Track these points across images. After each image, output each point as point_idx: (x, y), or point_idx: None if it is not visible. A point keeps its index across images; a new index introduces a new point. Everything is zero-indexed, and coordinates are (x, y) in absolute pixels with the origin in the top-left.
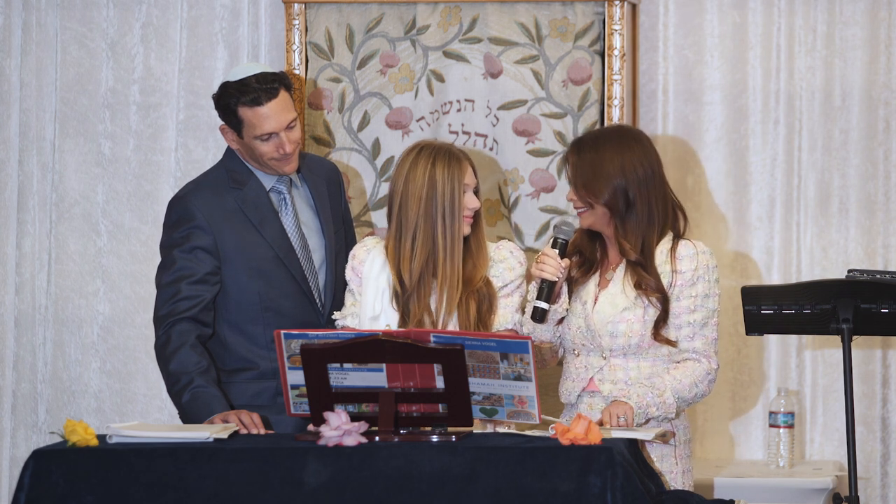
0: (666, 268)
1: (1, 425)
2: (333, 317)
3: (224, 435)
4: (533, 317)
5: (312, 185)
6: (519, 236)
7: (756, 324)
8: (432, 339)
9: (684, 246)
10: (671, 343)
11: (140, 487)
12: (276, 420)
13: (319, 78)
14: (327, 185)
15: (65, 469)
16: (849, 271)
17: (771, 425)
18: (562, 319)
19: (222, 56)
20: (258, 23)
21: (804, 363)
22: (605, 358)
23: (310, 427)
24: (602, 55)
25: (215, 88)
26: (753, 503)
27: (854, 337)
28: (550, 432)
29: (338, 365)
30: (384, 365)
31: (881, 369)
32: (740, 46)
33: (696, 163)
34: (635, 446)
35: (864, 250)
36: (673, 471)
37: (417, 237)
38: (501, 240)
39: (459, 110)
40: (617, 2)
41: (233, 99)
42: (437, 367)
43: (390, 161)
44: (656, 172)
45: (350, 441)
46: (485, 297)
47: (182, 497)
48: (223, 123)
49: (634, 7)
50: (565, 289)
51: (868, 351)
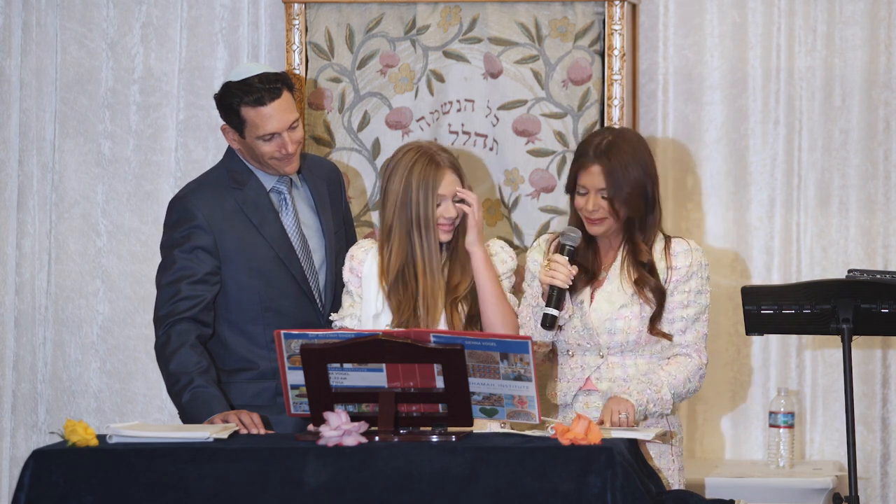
0: (661, 264)
1: (1, 425)
2: (331, 318)
3: (224, 435)
4: (543, 324)
5: (313, 186)
6: (519, 236)
7: (756, 324)
8: (432, 339)
9: (678, 243)
10: (667, 336)
11: (140, 487)
12: (276, 420)
13: (319, 78)
14: (328, 186)
15: (65, 469)
16: (849, 271)
17: (771, 425)
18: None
19: (222, 56)
20: (258, 23)
21: (804, 363)
22: (603, 356)
23: (310, 427)
24: (602, 55)
25: (215, 88)
26: (753, 503)
27: (854, 337)
28: (550, 432)
29: (338, 365)
30: (384, 365)
31: (881, 369)
32: (740, 46)
33: (696, 163)
34: (635, 446)
35: (864, 250)
36: (670, 468)
37: (394, 239)
38: (490, 239)
39: (459, 110)
40: (617, 2)
41: (235, 99)
42: (437, 367)
43: None
44: (657, 173)
45: (350, 441)
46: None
47: (182, 497)
48: (224, 123)
49: (634, 7)
50: (568, 295)
51: (868, 351)
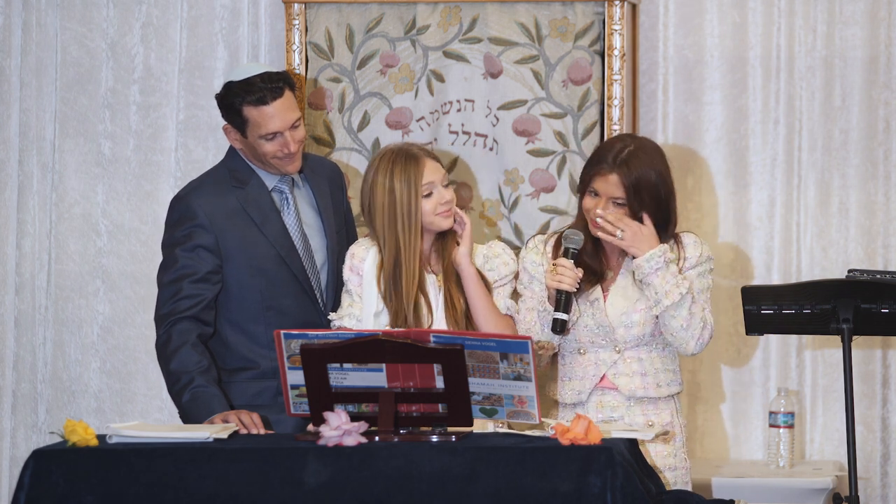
0: (671, 255)
1: (1, 425)
2: (329, 317)
3: (224, 435)
4: (554, 329)
5: (314, 185)
6: (519, 236)
7: (756, 324)
8: (432, 339)
9: (687, 236)
10: None
11: (140, 487)
12: (277, 420)
13: (319, 78)
14: (329, 186)
15: (65, 469)
16: (849, 271)
17: (771, 425)
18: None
19: (222, 56)
20: (258, 23)
21: (804, 363)
22: (619, 351)
23: (310, 427)
24: (602, 55)
25: (215, 88)
26: (753, 503)
27: (854, 337)
28: (550, 432)
29: (338, 365)
30: (384, 365)
31: (881, 369)
32: (740, 46)
33: (696, 163)
34: (635, 446)
35: (864, 250)
36: (683, 466)
37: (386, 242)
38: (491, 241)
39: (459, 110)
40: (617, 2)
41: (238, 98)
42: (437, 367)
43: None
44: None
45: (350, 441)
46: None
47: (182, 497)
48: (226, 123)
49: (634, 7)
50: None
51: (868, 351)
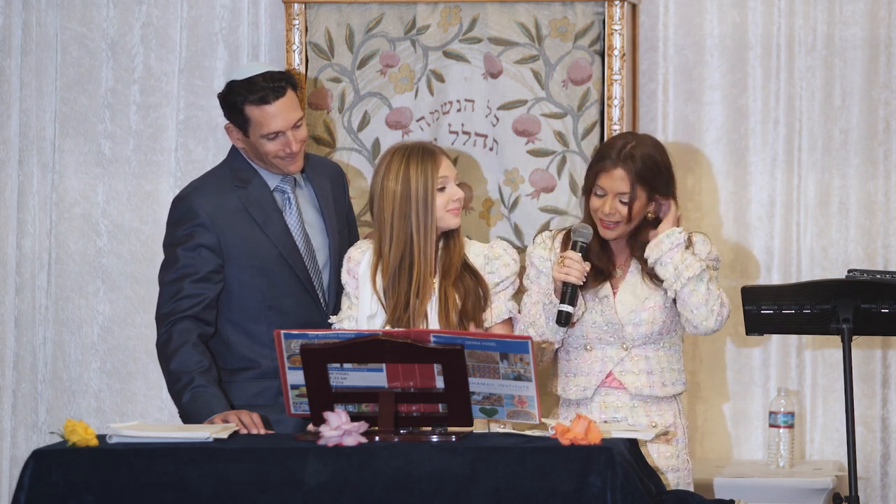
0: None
1: (1, 425)
2: (330, 321)
3: (224, 435)
4: (558, 321)
5: (317, 185)
6: (519, 236)
7: (756, 324)
8: (432, 339)
9: (695, 235)
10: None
11: (140, 487)
12: (278, 420)
13: (319, 78)
14: (331, 186)
15: (65, 469)
16: (849, 271)
17: (771, 425)
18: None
19: (222, 56)
20: (258, 23)
21: (804, 363)
22: (627, 349)
23: (310, 427)
24: (602, 55)
25: (215, 88)
26: (753, 503)
27: (854, 337)
28: (550, 432)
29: (338, 365)
30: (384, 365)
31: (881, 369)
32: (740, 46)
33: (696, 163)
34: (635, 446)
35: (864, 250)
36: (686, 467)
37: (394, 235)
38: (494, 239)
39: (459, 110)
40: (617, 2)
41: (240, 97)
42: (437, 367)
43: None
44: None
45: (350, 441)
46: (471, 292)
47: (182, 497)
48: (228, 122)
49: (634, 7)
50: (579, 292)
51: (868, 351)
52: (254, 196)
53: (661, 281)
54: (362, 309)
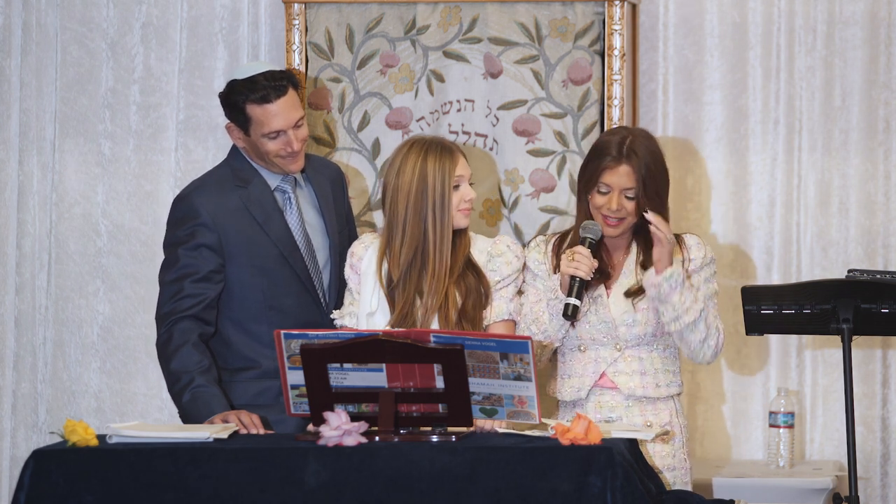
0: (676, 256)
1: (1, 425)
2: (332, 316)
3: (224, 435)
4: (565, 314)
5: (317, 185)
6: (519, 236)
7: (756, 324)
8: (432, 339)
9: (689, 237)
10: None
11: (140, 487)
12: (279, 420)
13: (319, 78)
14: (331, 186)
15: (65, 469)
16: (849, 271)
17: (771, 425)
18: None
19: (222, 56)
20: (258, 23)
21: (804, 363)
22: (620, 349)
23: (310, 427)
24: (602, 55)
25: (215, 88)
26: (753, 503)
27: (854, 337)
28: (550, 432)
29: (338, 365)
30: (384, 365)
31: (881, 369)
32: (740, 46)
33: (696, 163)
34: (635, 446)
35: (864, 250)
36: (683, 466)
37: (406, 231)
38: (499, 234)
39: (459, 110)
40: (617, 2)
41: (241, 96)
42: (437, 367)
43: None
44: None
45: (350, 441)
46: (472, 291)
47: (182, 497)
48: (229, 122)
49: (634, 7)
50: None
51: (868, 351)
52: (254, 195)
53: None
54: (363, 305)
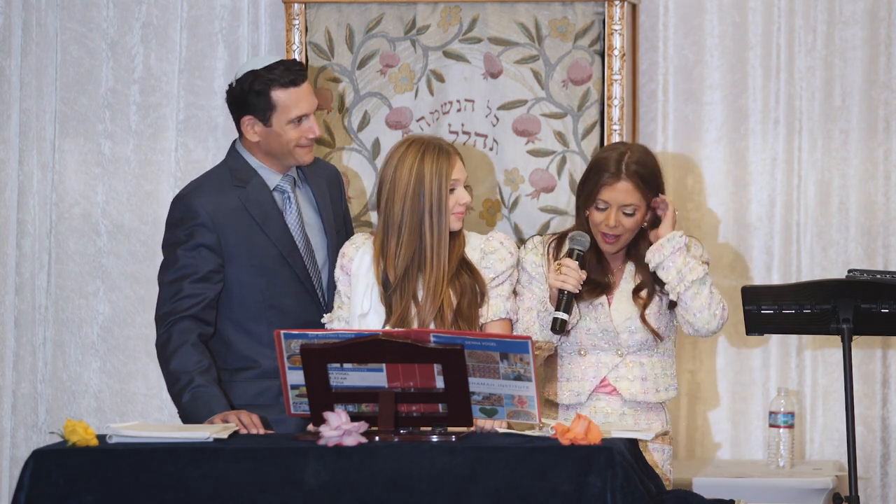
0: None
1: (1, 425)
2: (322, 320)
3: (224, 435)
4: (553, 328)
5: (314, 185)
6: (519, 236)
7: (756, 324)
8: (432, 339)
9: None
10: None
11: (140, 487)
12: (279, 420)
13: (319, 78)
14: (328, 186)
15: (65, 469)
16: (849, 271)
17: (771, 425)
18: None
19: (222, 56)
20: (258, 23)
21: (804, 363)
22: (622, 355)
23: (310, 427)
24: (602, 55)
25: (215, 88)
26: (753, 503)
27: (854, 337)
28: (550, 432)
29: (338, 365)
30: (384, 365)
31: (881, 369)
32: (740, 46)
33: (696, 162)
34: (635, 446)
35: (864, 250)
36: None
37: (403, 233)
38: (491, 231)
39: (459, 110)
40: (617, 2)
41: (267, 82)
42: (437, 367)
43: None
44: None
45: (350, 441)
46: (467, 289)
47: (182, 497)
48: (247, 115)
49: (634, 7)
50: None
51: (868, 351)
52: (253, 195)
53: (663, 284)
54: (354, 307)
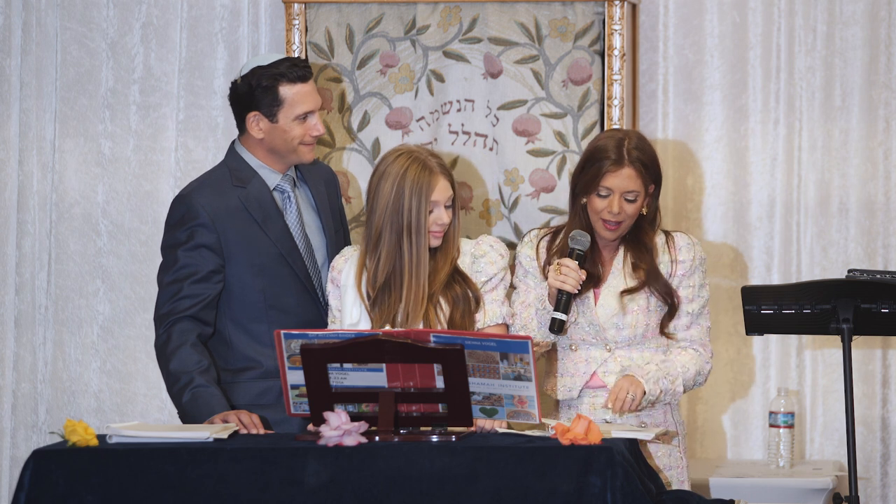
0: (664, 258)
1: (1, 425)
2: None
3: (224, 435)
4: (552, 328)
5: (312, 185)
6: (519, 236)
7: (756, 324)
8: (432, 339)
9: (680, 237)
10: (672, 337)
11: (140, 487)
12: (282, 420)
13: (319, 78)
14: (325, 187)
15: (65, 469)
16: (849, 271)
17: (771, 425)
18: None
19: (222, 56)
20: (258, 23)
21: (804, 363)
22: (610, 350)
23: (310, 427)
24: (602, 55)
25: (215, 88)
26: (753, 503)
27: (854, 337)
28: (550, 432)
29: (338, 365)
30: (384, 365)
31: (881, 369)
32: (740, 46)
33: (696, 163)
34: (635, 446)
35: (864, 250)
36: (679, 465)
37: (381, 247)
38: (480, 235)
39: (459, 110)
40: (617, 2)
41: (275, 78)
42: (437, 367)
43: None
44: None
45: (350, 441)
46: (460, 300)
47: (182, 497)
48: (253, 111)
49: (634, 7)
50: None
51: (868, 351)
52: (253, 195)
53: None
54: (344, 318)
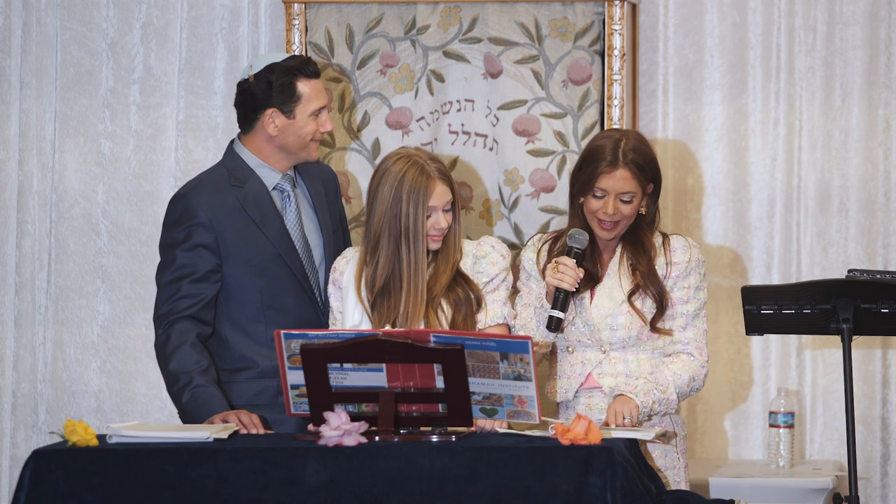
0: (660, 260)
1: (1, 425)
2: None
3: (224, 435)
4: (549, 326)
5: (311, 185)
6: (519, 236)
7: (756, 324)
8: (432, 339)
9: (676, 239)
10: (668, 333)
11: (140, 487)
12: (278, 420)
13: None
14: (324, 187)
15: (65, 469)
16: (849, 271)
17: (771, 425)
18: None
19: (222, 56)
20: (258, 23)
21: (804, 363)
22: (605, 352)
23: (310, 427)
24: (602, 55)
25: (215, 88)
26: (753, 503)
27: (854, 337)
28: (550, 432)
29: (338, 365)
30: (384, 365)
31: (881, 369)
32: (740, 46)
33: (696, 163)
34: (635, 446)
35: (864, 250)
36: (676, 466)
37: (380, 251)
38: (483, 236)
39: (459, 110)
40: (617, 2)
41: (292, 73)
42: (437, 367)
43: None
44: None
45: (350, 441)
46: (462, 302)
47: (182, 497)
48: (270, 108)
49: (634, 7)
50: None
51: (868, 351)
52: (251, 195)
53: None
54: (346, 320)
